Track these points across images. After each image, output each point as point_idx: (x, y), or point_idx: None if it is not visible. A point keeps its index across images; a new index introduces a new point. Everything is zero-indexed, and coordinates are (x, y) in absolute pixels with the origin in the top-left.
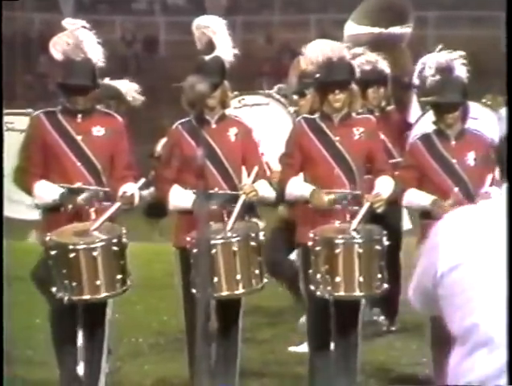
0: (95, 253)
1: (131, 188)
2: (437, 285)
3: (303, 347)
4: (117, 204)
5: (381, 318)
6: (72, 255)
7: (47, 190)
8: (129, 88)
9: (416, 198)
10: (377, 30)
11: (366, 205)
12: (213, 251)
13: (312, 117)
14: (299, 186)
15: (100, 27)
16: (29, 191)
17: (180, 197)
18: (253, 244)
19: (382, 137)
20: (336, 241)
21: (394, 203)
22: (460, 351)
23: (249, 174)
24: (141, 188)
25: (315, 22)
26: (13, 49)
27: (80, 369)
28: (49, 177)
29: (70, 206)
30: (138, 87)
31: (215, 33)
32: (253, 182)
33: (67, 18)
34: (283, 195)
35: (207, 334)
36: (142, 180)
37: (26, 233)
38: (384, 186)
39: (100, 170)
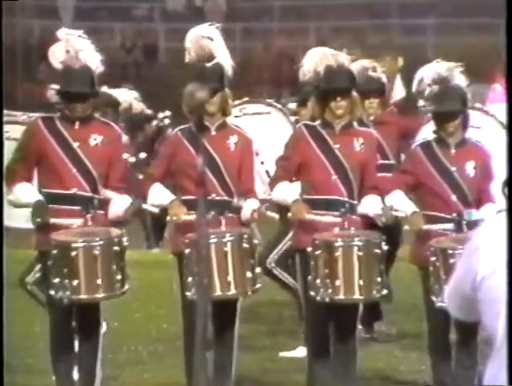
0: (96, 252)
1: (123, 202)
2: (477, 288)
3: (295, 353)
4: None
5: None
6: (73, 253)
7: (27, 192)
8: (127, 97)
9: (399, 202)
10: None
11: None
12: (204, 251)
13: (313, 123)
14: (284, 192)
15: (99, 34)
16: (9, 188)
17: (158, 195)
18: (246, 246)
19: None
20: (336, 244)
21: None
22: (498, 359)
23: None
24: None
25: (314, 29)
26: (12, 56)
27: (75, 375)
28: (45, 182)
29: (38, 219)
30: (137, 95)
31: (215, 43)
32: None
33: (64, 26)
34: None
35: (205, 340)
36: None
37: (25, 240)
38: (371, 205)
39: (96, 178)
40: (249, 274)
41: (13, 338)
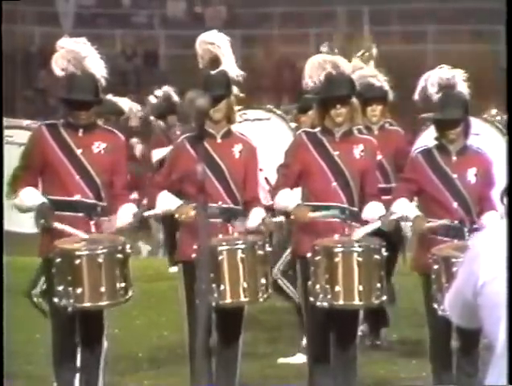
0: (100, 260)
1: (130, 211)
2: (478, 294)
3: (295, 359)
4: None
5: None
6: (77, 261)
7: (31, 196)
8: (130, 107)
9: (403, 208)
10: None
11: (377, 223)
12: (220, 257)
13: (313, 130)
14: (286, 198)
15: (100, 41)
16: (15, 193)
17: (166, 201)
18: (260, 252)
19: (379, 157)
20: (336, 250)
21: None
22: (499, 367)
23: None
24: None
25: (314, 36)
26: (13, 63)
27: (77, 382)
28: (48, 189)
29: (42, 221)
30: (139, 107)
31: (220, 49)
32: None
33: (64, 35)
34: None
35: (206, 347)
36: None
37: (27, 247)
38: (374, 211)
39: (99, 185)
40: (263, 281)
41: (13, 345)
